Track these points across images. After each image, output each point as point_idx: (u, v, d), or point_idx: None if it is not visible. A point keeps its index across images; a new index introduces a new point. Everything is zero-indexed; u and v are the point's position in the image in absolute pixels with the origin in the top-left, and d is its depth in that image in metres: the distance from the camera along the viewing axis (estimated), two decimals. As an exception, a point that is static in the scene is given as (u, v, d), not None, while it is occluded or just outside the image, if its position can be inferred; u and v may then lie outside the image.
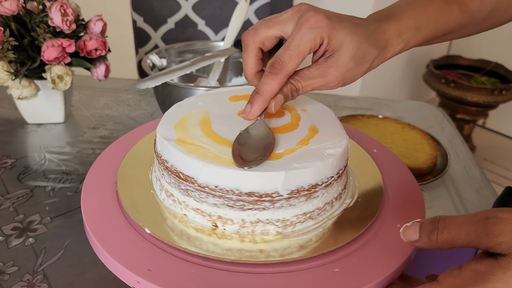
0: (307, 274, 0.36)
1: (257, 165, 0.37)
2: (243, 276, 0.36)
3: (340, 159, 0.41)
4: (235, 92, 0.50)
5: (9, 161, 0.69)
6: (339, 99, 0.97)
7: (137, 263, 0.36)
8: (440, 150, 0.74)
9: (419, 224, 0.33)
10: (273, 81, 0.39)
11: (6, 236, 0.54)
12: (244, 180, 0.37)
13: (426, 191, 0.66)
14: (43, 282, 0.47)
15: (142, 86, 0.63)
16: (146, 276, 0.35)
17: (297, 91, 0.41)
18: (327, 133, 0.43)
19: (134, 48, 1.22)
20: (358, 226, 0.41)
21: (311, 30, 0.38)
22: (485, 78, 2.03)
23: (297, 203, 0.39)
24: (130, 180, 0.46)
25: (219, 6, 1.15)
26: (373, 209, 0.43)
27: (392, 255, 0.38)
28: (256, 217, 0.38)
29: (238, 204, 0.38)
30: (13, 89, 0.71)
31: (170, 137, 0.41)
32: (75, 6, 0.74)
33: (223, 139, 0.41)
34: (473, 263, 0.31)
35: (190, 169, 0.38)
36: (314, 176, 0.39)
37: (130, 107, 0.89)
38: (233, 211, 0.38)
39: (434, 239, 0.32)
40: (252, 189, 0.37)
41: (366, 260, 0.38)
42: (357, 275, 0.36)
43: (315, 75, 0.40)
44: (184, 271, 0.36)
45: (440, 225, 0.32)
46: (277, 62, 0.38)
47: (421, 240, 0.33)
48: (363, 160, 0.51)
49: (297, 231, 0.40)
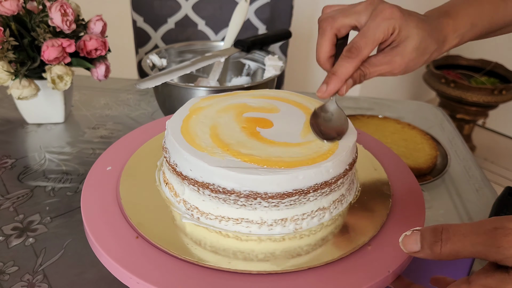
0: (308, 273, 0.36)
1: (335, 141, 0.42)
2: (241, 277, 0.36)
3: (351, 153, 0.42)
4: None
5: (9, 161, 0.69)
6: (339, 99, 0.96)
7: (136, 264, 0.36)
8: (440, 150, 0.74)
9: (420, 233, 0.31)
10: (349, 64, 0.42)
11: (6, 236, 0.54)
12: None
13: (426, 191, 0.66)
14: (43, 282, 0.47)
15: (142, 86, 0.63)
16: (145, 277, 0.35)
17: (365, 76, 0.44)
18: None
19: (134, 48, 1.22)
20: (366, 231, 0.41)
21: (385, 21, 0.41)
22: (485, 78, 2.03)
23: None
24: (131, 181, 0.46)
25: (219, 6, 1.15)
26: (381, 215, 0.43)
27: (392, 255, 0.38)
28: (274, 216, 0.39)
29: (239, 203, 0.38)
30: (13, 89, 0.71)
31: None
32: (75, 6, 0.74)
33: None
34: (482, 277, 0.29)
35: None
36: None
37: (130, 107, 0.89)
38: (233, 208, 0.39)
39: (437, 251, 0.30)
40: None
41: (367, 259, 0.38)
42: (357, 274, 0.36)
43: (382, 62, 0.44)
44: (184, 271, 0.36)
45: (443, 235, 0.30)
46: (354, 48, 0.42)
47: (423, 251, 0.31)
48: (367, 159, 0.51)
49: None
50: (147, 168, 0.48)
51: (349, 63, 0.42)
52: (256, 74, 0.83)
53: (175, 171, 0.41)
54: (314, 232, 0.40)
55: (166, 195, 0.44)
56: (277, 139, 0.42)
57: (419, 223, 0.42)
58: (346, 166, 0.41)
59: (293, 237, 0.39)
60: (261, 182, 0.37)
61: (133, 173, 0.47)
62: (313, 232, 0.40)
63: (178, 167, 0.40)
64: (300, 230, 0.40)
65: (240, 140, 0.41)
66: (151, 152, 0.50)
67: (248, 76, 0.84)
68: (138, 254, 0.37)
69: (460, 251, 0.29)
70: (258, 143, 0.41)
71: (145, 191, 0.45)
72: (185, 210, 0.41)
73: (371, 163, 0.50)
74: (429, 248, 0.30)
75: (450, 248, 0.29)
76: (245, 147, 0.40)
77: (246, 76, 0.84)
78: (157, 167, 0.48)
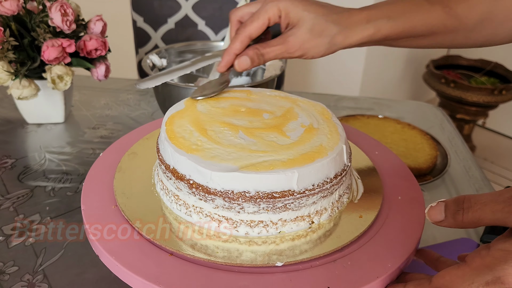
0: (309, 272, 0.37)
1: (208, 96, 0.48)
2: (239, 277, 0.36)
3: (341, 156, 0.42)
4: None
5: (9, 161, 0.69)
6: (339, 99, 0.97)
7: (137, 263, 0.36)
8: (440, 150, 0.74)
9: (444, 204, 0.33)
10: (236, 40, 0.49)
11: (6, 236, 0.54)
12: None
13: (426, 191, 0.66)
14: (43, 282, 0.47)
15: (142, 86, 0.63)
16: (146, 275, 0.35)
17: (263, 56, 0.49)
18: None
19: (134, 48, 1.22)
20: (359, 226, 0.41)
21: (272, 4, 0.48)
22: (485, 78, 2.03)
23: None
24: (130, 181, 0.46)
25: (219, 6, 1.15)
26: (373, 209, 0.43)
27: (393, 254, 0.38)
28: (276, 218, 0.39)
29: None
30: (13, 89, 0.71)
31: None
32: (75, 6, 0.74)
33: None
34: (501, 242, 0.30)
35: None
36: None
37: (130, 107, 0.89)
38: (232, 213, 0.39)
39: (459, 219, 0.32)
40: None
41: (367, 259, 0.38)
42: (357, 274, 0.36)
43: (277, 43, 0.48)
44: (184, 269, 0.36)
45: (465, 205, 0.32)
46: (241, 26, 0.49)
47: (447, 220, 0.33)
48: (362, 161, 0.51)
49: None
50: (146, 168, 0.48)
51: (236, 39, 0.49)
52: (256, 74, 0.83)
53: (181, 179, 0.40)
54: (307, 233, 0.40)
55: (161, 195, 0.44)
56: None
57: (419, 223, 0.42)
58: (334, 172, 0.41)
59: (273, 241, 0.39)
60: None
61: (133, 173, 0.47)
62: (309, 232, 0.40)
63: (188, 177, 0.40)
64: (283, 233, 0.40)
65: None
66: (151, 152, 0.50)
67: (248, 76, 0.84)
68: (138, 253, 0.37)
69: (481, 219, 0.31)
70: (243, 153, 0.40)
71: (142, 190, 0.45)
72: (185, 210, 0.41)
73: (368, 164, 0.50)
74: (452, 217, 0.32)
75: (472, 216, 0.31)
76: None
77: (246, 76, 0.84)
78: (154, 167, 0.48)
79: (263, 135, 0.42)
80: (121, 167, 0.48)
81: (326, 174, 0.40)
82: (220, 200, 0.38)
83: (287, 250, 0.38)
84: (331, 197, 0.42)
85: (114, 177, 0.46)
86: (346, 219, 0.42)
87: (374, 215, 0.42)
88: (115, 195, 0.44)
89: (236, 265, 0.36)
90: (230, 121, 0.44)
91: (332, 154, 0.40)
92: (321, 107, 0.49)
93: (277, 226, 0.39)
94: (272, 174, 0.37)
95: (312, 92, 1.09)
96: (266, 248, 0.38)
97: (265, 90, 0.52)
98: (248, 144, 0.40)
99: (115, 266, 0.37)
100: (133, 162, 0.49)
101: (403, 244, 0.39)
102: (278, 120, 0.45)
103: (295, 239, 0.39)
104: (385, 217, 0.43)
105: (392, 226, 0.42)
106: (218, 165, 0.37)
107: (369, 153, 0.53)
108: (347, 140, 0.44)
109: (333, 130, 0.44)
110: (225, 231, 0.39)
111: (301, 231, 0.40)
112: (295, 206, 0.39)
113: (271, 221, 0.39)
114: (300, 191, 0.38)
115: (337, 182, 0.41)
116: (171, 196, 0.42)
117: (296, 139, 0.41)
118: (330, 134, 0.43)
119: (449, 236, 0.56)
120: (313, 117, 0.46)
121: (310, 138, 0.42)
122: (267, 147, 0.40)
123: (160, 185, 0.44)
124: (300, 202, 0.39)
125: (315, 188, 0.39)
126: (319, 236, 0.40)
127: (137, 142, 0.53)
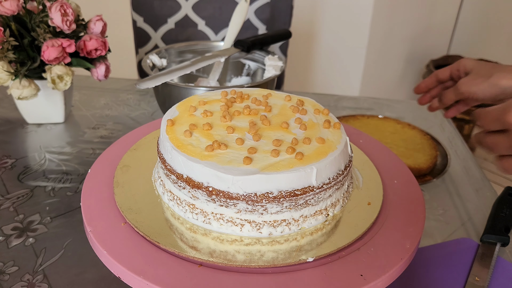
0: (340, 263, 0.37)
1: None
2: (272, 278, 0.36)
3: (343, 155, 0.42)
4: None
5: (9, 161, 0.69)
6: (339, 99, 0.97)
7: (137, 263, 0.36)
8: (440, 150, 0.74)
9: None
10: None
11: (6, 236, 0.54)
12: None
13: (426, 191, 0.66)
14: (43, 282, 0.47)
15: (142, 86, 0.63)
16: (146, 275, 0.35)
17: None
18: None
19: (134, 48, 1.22)
20: (371, 213, 0.42)
21: None
22: (485, 78, 2.03)
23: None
24: (130, 182, 0.46)
25: (219, 6, 1.15)
26: (377, 195, 0.45)
27: (393, 254, 0.38)
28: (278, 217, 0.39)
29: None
30: (13, 89, 0.71)
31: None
32: (75, 6, 0.74)
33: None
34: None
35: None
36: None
37: (130, 107, 0.89)
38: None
39: None
40: None
41: (386, 243, 0.39)
42: (383, 258, 0.37)
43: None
44: (185, 269, 0.36)
45: None
46: None
47: None
48: (362, 161, 0.51)
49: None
50: (146, 167, 0.48)
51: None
52: (256, 74, 0.83)
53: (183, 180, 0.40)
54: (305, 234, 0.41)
55: (159, 193, 0.44)
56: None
57: (419, 223, 0.42)
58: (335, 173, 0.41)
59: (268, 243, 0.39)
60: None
61: (133, 174, 0.47)
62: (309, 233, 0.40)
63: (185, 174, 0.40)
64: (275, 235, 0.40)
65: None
66: (150, 152, 0.50)
67: (248, 76, 0.84)
68: (138, 253, 0.37)
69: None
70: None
71: (142, 190, 0.45)
72: (203, 218, 0.41)
73: (368, 164, 0.50)
74: None
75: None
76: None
77: (246, 76, 0.84)
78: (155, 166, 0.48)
79: (270, 135, 0.42)
80: (118, 181, 0.46)
81: (338, 166, 0.41)
82: (243, 204, 0.37)
83: (309, 245, 0.38)
84: (342, 188, 0.43)
85: (114, 192, 0.44)
86: (357, 208, 0.43)
87: (381, 200, 0.44)
88: (121, 212, 0.42)
89: (266, 266, 0.36)
90: (232, 123, 0.43)
91: (340, 147, 0.41)
92: (311, 101, 0.49)
93: (299, 223, 0.40)
94: (293, 173, 0.37)
95: (312, 92, 1.09)
96: (287, 245, 0.38)
97: (248, 89, 0.51)
98: (259, 145, 0.40)
99: (114, 266, 0.37)
100: (127, 175, 0.47)
101: (403, 245, 0.40)
102: (278, 118, 0.45)
103: (314, 233, 0.40)
104: (385, 217, 0.43)
105: (392, 226, 0.42)
106: (238, 169, 0.37)
107: (369, 153, 0.53)
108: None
109: (331, 123, 0.45)
110: (248, 235, 0.39)
111: (319, 225, 0.41)
112: (314, 201, 0.39)
113: (293, 218, 0.39)
114: (319, 185, 0.39)
115: (347, 173, 0.42)
116: (185, 206, 0.41)
117: (303, 136, 0.42)
118: (331, 128, 0.44)
119: (449, 236, 0.56)
120: (308, 112, 0.46)
121: (315, 133, 0.43)
122: (278, 146, 0.40)
123: (168, 196, 0.42)
124: (319, 196, 0.39)
125: (330, 181, 0.40)
126: (337, 227, 0.41)
127: (125, 153, 0.50)
